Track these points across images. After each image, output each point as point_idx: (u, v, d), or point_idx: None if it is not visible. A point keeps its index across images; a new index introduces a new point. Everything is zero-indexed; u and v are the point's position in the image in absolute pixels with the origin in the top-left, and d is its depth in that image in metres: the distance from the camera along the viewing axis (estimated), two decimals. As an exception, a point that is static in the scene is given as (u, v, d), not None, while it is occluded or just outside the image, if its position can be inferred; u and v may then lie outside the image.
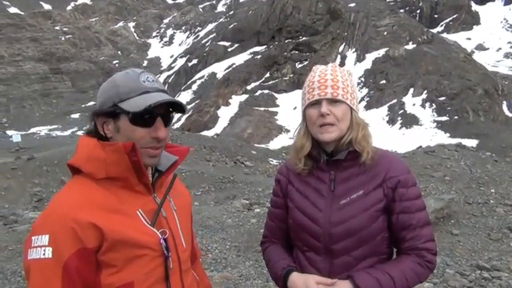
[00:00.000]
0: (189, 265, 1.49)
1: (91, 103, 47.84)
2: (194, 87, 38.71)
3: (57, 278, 1.15)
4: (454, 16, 53.33)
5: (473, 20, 53.71)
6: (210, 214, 7.40)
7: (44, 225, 1.18)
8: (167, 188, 1.41)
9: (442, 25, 52.98)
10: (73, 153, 1.32)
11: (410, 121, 27.33)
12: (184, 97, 38.01)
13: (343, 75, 1.57)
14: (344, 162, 1.56)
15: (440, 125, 26.29)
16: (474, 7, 55.55)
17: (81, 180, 1.26)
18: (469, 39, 49.26)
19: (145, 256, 1.27)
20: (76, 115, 44.90)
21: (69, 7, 74.73)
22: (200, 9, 79.36)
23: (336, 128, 1.52)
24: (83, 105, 46.58)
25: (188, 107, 35.25)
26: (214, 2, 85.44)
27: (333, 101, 1.53)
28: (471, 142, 21.63)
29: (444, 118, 26.80)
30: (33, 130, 40.98)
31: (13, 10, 66.24)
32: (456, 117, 26.54)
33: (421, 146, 16.14)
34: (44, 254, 1.14)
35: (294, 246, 1.70)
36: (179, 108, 1.37)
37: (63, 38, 56.29)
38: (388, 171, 1.54)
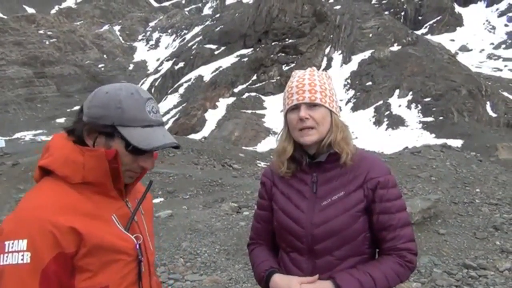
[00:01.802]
0: (154, 268, 1.52)
1: (77, 107, 47.26)
2: (181, 90, 38.58)
3: (35, 283, 1.12)
4: (438, 18, 54.16)
5: (456, 22, 54.60)
6: (199, 217, 7.38)
7: (20, 229, 1.13)
8: (135, 193, 1.43)
9: (426, 27, 53.74)
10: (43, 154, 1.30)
11: (396, 122, 27.60)
12: (171, 100, 37.86)
13: (321, 79, 1.60)
14: (325, 164, 1.59)
15: (426, 126, 26.60)
16: (457, 9, 56.47)
17: (54, 183, 1.24)
18: (452, 40, 50.05)
19: (120, 261, 1.28)
20: (61, 120, 44.41)
21: (53, 11, 74.03)
22: (186, 12, 79.22)
23: (316, 131, 1.54)
24: (68, 110, 46.12)
25: (175, 110, 35.12)
26: (200, 5, 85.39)
27: (312, 105, 1.55)
28: (456, 142, 21.91)
29: (430, 119, 27.12)
30: (17, 135, 40.43)
31: (-5, 14, 65.39)
32: (441, 118, 26.87)
33: (407, 147, 16.29)
34: (22, 260, 1.11)
35: (279, 247, 1.72)
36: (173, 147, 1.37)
37: (47, 42, 55.71)
38: (368, 172, 1.56)
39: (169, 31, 69.45)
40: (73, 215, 1.18)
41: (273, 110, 31.70)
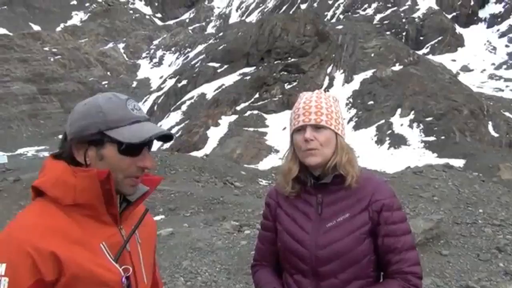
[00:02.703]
0: None
1: (80, 123, 47.53)
2: (184, 107, 38.76)
3: None
4: (439, 38, 54.59)
5: (457, 42, 55.01)
6: (200, 236, 7.34)
7: (1, 252, 1.08)
8: (134, 219, 1.34)
9: (427, 47, 54.13)
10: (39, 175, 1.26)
11: (398, 141, 27.60)
12: (173, 117, 38.01)
13: (327, 101, 1.62)
14: (330, 186, 1.60)
15: (428, 145, 26.57)
16: (458, 29, 56.94)
17: (44, 205, 1.18)
18: (454, 60, 50.34)
19: None
20: (64, 136, 44.47)
21: (58, 28, 74.94)
22: (190, 31, 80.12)
23: (320, 152, 1.56)
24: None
25: (177, 127, 35.22)
26: (203, 23, 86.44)
27: (317, 127, 1.57)
28: (458, 162, 21.85)
29: (432, 138, 27.11)
30: (20, 151, 40.51)
31: (1, 31, 66.21)
32: (443, 137, 26.87)
33: (409, 167, 16.26)
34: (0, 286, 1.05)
35: (283, 269, 1.72)
36: (168, 137, 1.34)
37: (52, 59, 56.29)
38: (373, 195, 1.57)
39: (173, 49, 70.16)
40: (57, 239, 1.12)
41: (275, 128, 31.75)
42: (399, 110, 30.52)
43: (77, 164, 1.23)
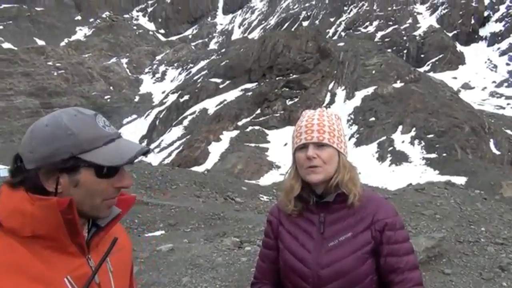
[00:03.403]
0: None
1: (81, 137, 47.63)
2: (185, 122, 38.88)
3: None
4: (440, 56, 55.01)
5: (458, 60, 55.40)
6: (200, 252, 7.28)
7: None
8: (105, 245, 1.21)
9: (428, 65, 54.50)
10: None
11: (400, 158, 27.56)
12: (175, 132, 38.10)
13: (330, 119, 1.62)
14: (333, 204, 1.59)
15: (429, 162, 26.52)
16: (459, 47, 57.40)
17: (1, 236, 1.05)
18: (455, 78, 50.61)
19: None
20: (65, 150, 44.59)
21: (62, 43, 75.69)
22: (193, 47, 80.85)
23: (323, 170, 1.55)
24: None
25: (179, 142, 35.28)
26: (206, 40, 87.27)
27: (320, 144, 1.56)
28: (460, 180, 21.78)
29: (433, 155, 27.07)
30: (21, 164, 40.53)
31: (6, 45, 66.86)
32: (444, 154, 26.83)
33: (411, 184, 16.22)
34: None
35: (284, 287, 1.70)
36: (145, 153, 1.22)
37: (55, 73, 56.68)
38: (376, 214, 1.56)
39: (175, 64, 70.68)
40: (14, 276, 1.00)
41: (276, 144, 31.78)
42: (400, 127, 30.56)
43: (41, 191, 1.08)
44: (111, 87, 62.61)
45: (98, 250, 1.19)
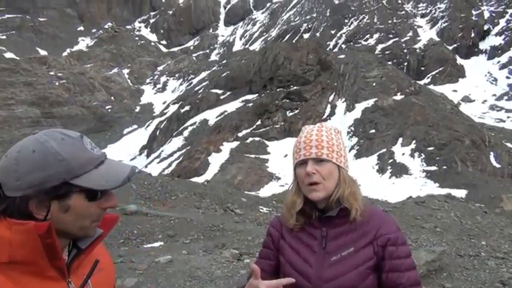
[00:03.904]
0: None
1: (82, 147, 47.61)
2: (186, 133, 38.92)
3: None
4: (440, 69, 55.22)
5: (458, 73, 55.60)
6: (199, 264, 7.24)
7: None
8: (87, 267, 1.17)
9: (428, 77, 54.69)
10: None
11: (400, 170, 27.52)
12: (175, 143, 38.11)
13: (328, 134, 1.63)
14: (335, 219, 1.59)
15: (430, 175, 26.48)
16: (459, 60, 57.66)
17: None
18: (455, 91, 50.75)
19: None
20: (65, 159, 44.56)
21: (64, 53, 76.09)
22: (194, 58, 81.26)
23: (323, 186, 1.56)
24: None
25: (179, 153, 35.27)
26: (207, 51, 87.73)
27: (319, 160, 1.57)
28: (460, 193, 21.73)
29: (433, 168, 27.04)
30: (21, 173, 40.46)
31: (9, 55, 67.25)
32: (445, 167, 26.80)
33: (411, 196, 16.18)
34: None
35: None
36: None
37: (57, 83, 56.89)
38: (378, 229, 1.56)
39: (177, 75, 70.96)
40: None
41: (276, 155, 31.77)
42: (400, 139, 30.57)
43: (26, 218, 1.04)
44: (112, 97, 62.80)
45: (79, 273, 1.16)
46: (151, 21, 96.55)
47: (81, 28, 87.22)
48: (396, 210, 11.20)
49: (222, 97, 42.56)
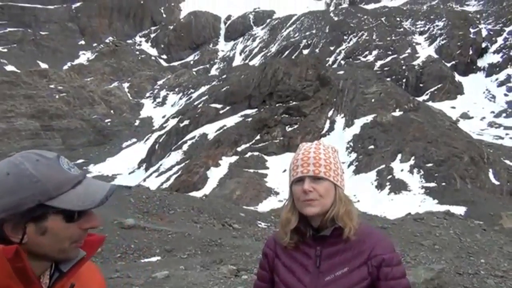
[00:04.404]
0: None
1: (80, 160, 47.58)
2: (185, 147, 38.90)
3: None
4: (439, 85, 55.50)
5: (457, 90, 55.89)
6: (196, 280, 7.18)
7: None
8: (86, 282, 1.15)
9: (427, 94, 54.94)
10: None
11: (399, 186, 27.48)
12: (174, 157, 38.06)
13: (326, 152, 1.63)
14: (330, 238, 1.59)
15: (429, 191, 26.43)
16: (458, 77, 58.01)
17: None
18: (453, 108, 50.93)
19: None
20: (64, 172, 44.41)
21: (65, 67, 76.48)
22: (194, 72, 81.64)
23: (319, 202, 1.56)
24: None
25: (178, 167, 35.20)
26: (207, 66, 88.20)
27: (316, 178, 1.57)
28: (460, 210, 21.66)
29: (432, 184, 27.00)
30: (18, 186, 40.27)
31: (10, 68, 67.58)
32: (443, 184, 26.76)
33: (410, 213, 16.12)
34: None
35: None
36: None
37: (57, 96, 57.05)
38: (373, 249, 1.56)
39: (176, 89, 71.20)
40: None
41: (275, 170, 31.74)
42: (399, 155, 30.58)
43: (1, 242, 1.01)
44: (111, 111, 62.92)
45: None
46: (152, 35, 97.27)
47: (82, 42, 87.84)
48: (395, 226, 11.15)
49: (221, 111, 42.67)
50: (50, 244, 1.06)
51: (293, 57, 57.46)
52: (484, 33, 63.48)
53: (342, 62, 64.14)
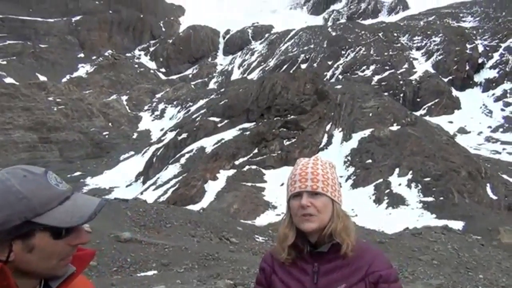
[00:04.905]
0: None
1: (77, 173, 47.44)
2: (182, 160, 38.85)
3: None
4: (436, 100, 55.84)
5: (454, 104, 56.24)
6: (192, 294, 7.12)
7: None
8: None
9: (424, 109, 55.24)
10: None
11: (397, 201, 27.42)
12: (171, 170, 37.98)
13: (324, 168, 1.64)
14: (327, 255, 1.58)
15: (427, 206, 26.38)
16: (455, 92, 58.40)
17: None
18: (451, 122, 51.17)
19: None
20: (61, 185, 44.25)
21: (64, 79, 76.70)
22: (192, 86, 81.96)
23: (317, 218, 1.56)
24: (68, 175, 46.18)
25: (175, 180, 35.11)
26: (206, 79, 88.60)
27: (313, 193, 1.58)
28: (457, 224, 21.59)
29: (430, 199, 26.96)
30: (15, 199, 40.04)
31: (9, 80, 67.71)
32: (441, 198, 26.72)
33: (408, 228, 16.08)
34: None
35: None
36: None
37: (55, 109, 57.10)
38: (370, 266, 1.56)
39: (175, 102, 71.38)
40: None
41: (273, 184, 31.67)
42: (397, 170, 30.59)
43: None
44: (110, 124, 62.96)
45: None
46: (151, 49, 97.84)
47: (82, 55, 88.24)
48: (393, 241, 11.11)
49: (219, 125, 42.74)
50: (38, 261, 1.04)
51: (291, 71, 57.82)
52: (480, 48, 64.13)
53: (340, 76, 64.55)
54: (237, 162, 35.58)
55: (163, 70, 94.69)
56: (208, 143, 39.64)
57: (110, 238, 10.80)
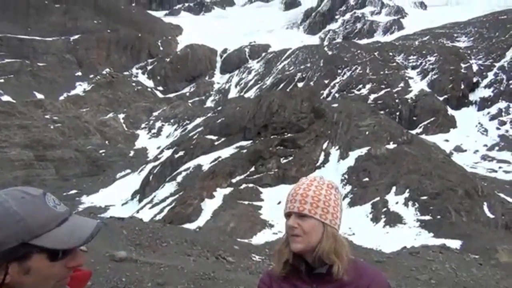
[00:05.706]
0: None
1: (73, 191, 47.13)
2: (179, 178, 38.71)
3: None
4: (432, 119, 56.22)
5: (449, 123, 56.62)
6: (188, 315, 7.01)
7: None
8: None
9: (420, 127, 55.55)
10: None
11: (394, 219, 27.32)
12: (168, 188, 37.80)
13: (317, 189, 1.62)
14: (325, 276, 1.58)
15: (424, 224, 26.27)
16: (450, 111, 58.87)
17: None
18: (447, 141, 51.43)
19: None
20: (56, 203, 43.93)
21: (61, 97, 76.89)
22: (190, 104, 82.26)
23: (302, 239, 1.56)
24: (64, 193, 45.90)
25: (172, 198, 34.92)
26: (203, 97, 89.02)
27: (301, 215, 1.58)
28: (455, 243, 21.47)
29: (427, 218, 26.87)
30: (9, 217, 39.67)
31: (6, 98, 67.81)
32: (439, 217, 26.65)
33: (405, 247, 15.99)
34: None
35: None
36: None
37: (52, 126, 57.09)
38: (369, 286, 1.55)
39: (172, 120, 71.54)
40: None
41: (270, 202, 31.53)
42: (394, 188, 30.57)
43: None
44: (106, 141, 62.91)
45: None
46: (149, 67, 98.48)
47: (79, 73, 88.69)
48: (390, 260, 11.04)
49: (216, 143, 42.76)
50: (34, 284, 1.03)
51: (288, 89, 58.18)
52: (475, 68, 64.91)
53: (336, 95, 65.01)
54: (234, 180, 35.48)
55: (160, 88, 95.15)
56: (205, 161, 39.57)
57: (105, 257, 10.67)
